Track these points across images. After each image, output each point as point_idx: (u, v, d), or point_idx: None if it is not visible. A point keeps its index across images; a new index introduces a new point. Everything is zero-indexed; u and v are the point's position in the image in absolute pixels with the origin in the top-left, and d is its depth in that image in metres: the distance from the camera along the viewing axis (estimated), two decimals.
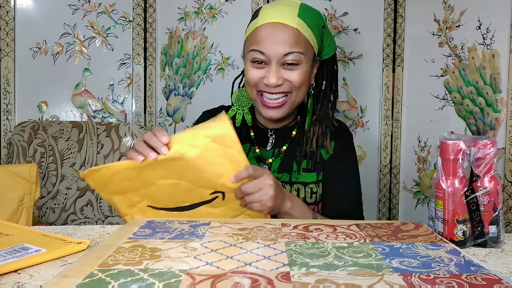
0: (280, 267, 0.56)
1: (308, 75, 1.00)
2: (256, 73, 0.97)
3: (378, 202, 1.68)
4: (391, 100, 1.66)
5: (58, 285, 0.50)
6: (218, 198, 0.85)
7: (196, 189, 0.84)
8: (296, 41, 0.95)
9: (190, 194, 0.84)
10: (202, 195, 0.85)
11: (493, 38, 1.32)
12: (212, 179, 0.82)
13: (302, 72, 0.97)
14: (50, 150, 1.50)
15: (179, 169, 0.80)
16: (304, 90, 1.01)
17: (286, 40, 0.94)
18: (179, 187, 0.83)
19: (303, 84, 0.98)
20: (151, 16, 1.68)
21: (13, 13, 1.62)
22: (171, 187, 0.83)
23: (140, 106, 1.69)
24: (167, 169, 0.81)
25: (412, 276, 0.53)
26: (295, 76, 0.96)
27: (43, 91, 1.66)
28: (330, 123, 1.05)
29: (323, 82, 1.05)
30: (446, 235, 0.76)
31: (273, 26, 0.95)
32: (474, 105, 1.39)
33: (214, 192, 0.84)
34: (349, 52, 1.64)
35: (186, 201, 0.86)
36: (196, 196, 0.85)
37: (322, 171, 1.05)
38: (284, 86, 0.97)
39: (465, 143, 0.77)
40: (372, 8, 1.64)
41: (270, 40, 0.94)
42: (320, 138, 1.03)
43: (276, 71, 0.95)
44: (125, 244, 0.65)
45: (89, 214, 1.47)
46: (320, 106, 1.05)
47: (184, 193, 0.84)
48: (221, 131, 0.79)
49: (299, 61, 0.96)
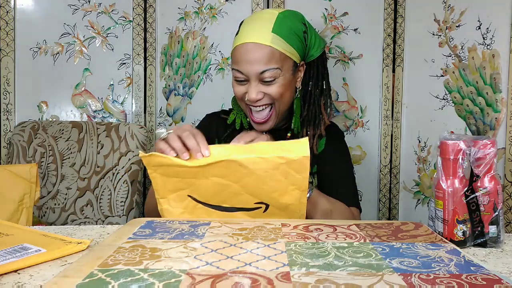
0: (280, 267, 0.56)
1: (288, 85, 1.05)
2: (239, 89, 1.05)
3: (378, 202, 1.68)
4: (391, 100, 1.66)
5: (58, 285, 0.50)
6: (260, 209, 0.85)
7: (243, 194, 0.84)
8: (269, 58, 1.00)
9: (235, 197, 0.84)
10: (246, 201, 0.84)
11: (493, 38, 1.32)
12: (266, 191, 0.82)
13: (280, 85, 1.03)
14: (50, 150, 1.50)
15: (239, 174, 0.81)
16: (287, 99, 1.07)
17: (260, 59, 1.00)
18: (229, 188, 0.83)
19: (283, 94, 1.04)
20: (151, 16, 1.68)
21: (13, 13, 1.62)
22: (221, 186, 0.83)
23: (140, 106, 1.69)
24: (228, 170, 0.81)
25: (412, 276, 0.53)
26: (274, 90, 1.03)
27: (43, 91, 1.66)
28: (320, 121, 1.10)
29: (310, 83, 1.11)
30: (446, 235, 0.76)
31: (247, 46, 1.01)
32: (474, 105, 1.39)
33: (260, 202, 0.84)
34: (349, 52, 1.64)
35: (227, 202, 0.85)
36: (240, 201, 0.84)
37: (317, 165, 1.10)
38: (265, 99, 1.03)
39: (465, 143, 0.77)
40: (372, 8, 1.63)
41: (246, 60, 1.01)
42: (312, 139, 1.09)
43: (255, 87, 1.02)
44: (125, 244, 0.65)
45: (89, 214, 1.47)
46: (307, 107, 1.10)
47: (230, 195, 0.84)
48: (298, 156, 0.79)
49: (276, 76, 1.02)
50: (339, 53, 1.64)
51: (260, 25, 1.03)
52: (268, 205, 0.84)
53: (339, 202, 1.02)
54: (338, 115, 1.65)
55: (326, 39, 1.63)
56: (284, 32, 1.02)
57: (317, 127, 1.10)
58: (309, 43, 1.10)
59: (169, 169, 0.83)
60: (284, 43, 1.02)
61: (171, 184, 0.85)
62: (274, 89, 1.02)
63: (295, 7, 1.62)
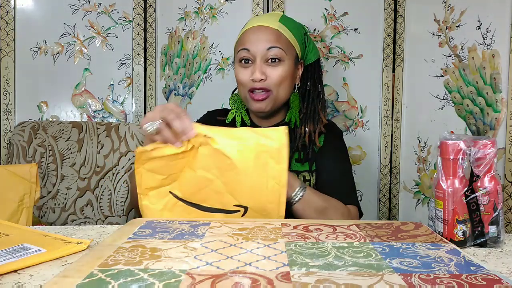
0: (280, 267, 0.56)
1: (290, 74, 1.09)
2: (244, 73, 1.08)
3: (378, 202, 1.68)
4: (391, 100, 1.66)
5: (58, 285, 0.50)
6: (239, 213, 0.84)
7: (224, 194, 0.83)
8: (277, 38, 1.07)
9: (216, 197, 0.84)
10: (227, 202, 0.84)
11: (493, 38, 1.32)
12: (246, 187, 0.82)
13: (284, 70, 1.07)
14: (50, 150, 1.50)
15: (224, 165, 0.81)
16: (285, 88, 1.09)
17: (268, 38, 1.06)
18: (211, 185, 0.83)
19: (283, 81, 1.08)
20: (151, 16, 1.68)
21: (13, 13, 1.62)
22: (205, 181, 0.83)
23: (140, 106, 1.69)
24: (214, 160, 0.81)
25: (412, 276, 0.53)
26: (276, 73, 1.06)
27: (43, 91, 1.66)
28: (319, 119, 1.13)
29: (308, 83, 1.15)
30: (446, 235, 0.76)
31: (256, 28, 1.09)
32: (474, 105, 1.39)
33: (239, 205, 0.84)
34: (349, 52, 1.64)
35: (208, 201, 0.85)
36: (220, 201, 0.84)
37: (315, 162, 1.12)
38: (267, 82, 1.06)
39: (465, 143, 0.77)
40: (372, 8, 1.64)
41: (254, 39, 1.07)
42: (312, 135, 1.11)
43: (261, 67, 1.05)
44: (125, 244, 0.65)
45: (89, 214, 1.47)
46: (306, 104, 1.14)
47: (211, 193, 0.84)
48: (277, 144, 0.81)
49: (281, 57, 1.06)
50: (339, 53, 1.64)
51: (268, 16, 1.13)
52: (246, 208, 0.84)
53: (334, 199, 1.02)
54: (338, 115, 1.65)
55: (326, 39, 1.63)
56: (289, 25, 1.11)
57: (316, 123, 1.12)
58: (308, 46, 1.15)
59: (157, 163, 0.83)
60: (289, 32, 1.09)
61: (154, 180, 0.85)
62: (277, 73, 1.06)
63: (295, 7, 1.63)
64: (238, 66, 1.09)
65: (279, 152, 0.81)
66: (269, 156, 0.81)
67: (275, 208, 0.84)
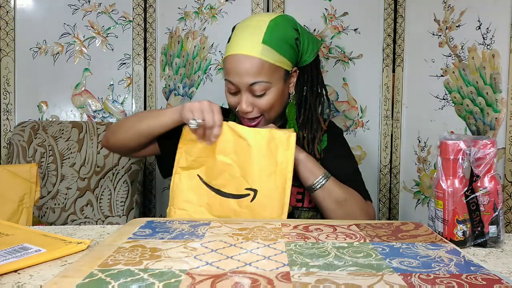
0: (280, 267, 0.56)
1: (280, 95, 1.05)
2: (232, 100, 1.06)
3: (378, 202, 1.68)
4: (391, 100, 1.66)
5: (58, 285, 0.50)
6: (248, 197, 0.92)
7: (238, 178, 0.92)
8: (259, 70, 1.00)
9: (232, 181, 0.93)
10: (239, 186, 0.92)
11: (493, 38, 1.32)
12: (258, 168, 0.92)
13: (271, 98, 1.03)
14: (50, 150, 1.50)
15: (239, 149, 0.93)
16: (278, 108, 1.07)
17: (249, 71, 1.00)
18: (229, 169, 0.93)
19: (273, 106, 1.05)
20: (151, 16, 1.68)
21: (13, 13, 1.62)
22: (224, 166, 0.94)
23: (140, 106, 1.69)
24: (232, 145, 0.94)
25: (412, 276, 0.53)
26: (264, 103, 1.03)
27: (43, 91, 1.66)
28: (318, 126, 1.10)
29: (304, 88, 1.11)
30: (446, 235, 0.76)
31: (237, 57, 1.01)
32: (474, 105, 1.39)
33: (249, 188, 0.92)
34: (349, 52, 1.64)
35: (226, 187, 0.94)
36: (235, 186, 0.93)
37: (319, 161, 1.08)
38: (254, 112, 1.04)
39: (465, 143, 0.77)
40: (372, 8, 1.63)
41: (236, 71, 1.01)
42: (311, 144, 1.08)
43: (246, 99, 1.02)
44: (125, 244, 0.65)
45: (89, 214, 1.47)
46: (303, 111, 1.10)
47: (229, 178, 0.93)
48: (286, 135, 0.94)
49: (266, 89, 1.02)
50: (339, 53, 1.64)
51: (251, 35, 1.02)
52: (256, 191, 0.91)
53: (356, 193, 1.02)
54: (338, 115, 1.65)
55: (326, 39, 1.63)
56: (274, 42, 1.01)
57: (316, 131, 1.09)
58: (302, 49, 1.08)
59: (192, 146, 0.97)
60: (275, 53, 1.01)
61: (186, 161, 0.97)
62: (264, 102, 1.03)
63: (295, 7, 1.63)
64: (227, 91, 1.06)
65: (287, 140, 0.93)
66: (279, 143, 0.92)
67: (281, 195, 0.91)
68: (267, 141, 0.92)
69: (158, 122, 1.02)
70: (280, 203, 0.90)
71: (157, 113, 1.04)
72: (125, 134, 1.07)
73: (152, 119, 1.03)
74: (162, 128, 1.02)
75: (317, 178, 0.98)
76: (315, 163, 1.01)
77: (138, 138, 1.05)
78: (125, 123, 1.08)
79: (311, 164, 1.00)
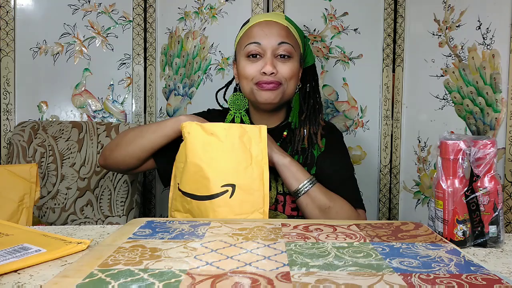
0: (280, 267, 0.56)
1: (296, 72, 1.09)
2: (253, 67, 1.06)
3: (378, 202, 1.68)
4: (391, 100, 1.66)
5: (58, 285, 0.50)
6: (226, 194, 0.90)
7: (211, 179, 0.90)
8: (287, 34, 1.07)
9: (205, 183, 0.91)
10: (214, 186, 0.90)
11: (493, 38, 1.32)
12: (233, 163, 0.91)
13: (293, 66, 1.06)
14: (50, 150, 1.50)
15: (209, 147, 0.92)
16: (293, 85, 1.09)
17: (279, 33, 1.06)
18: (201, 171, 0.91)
19: (293, 77, 1.07)
20: (151, 16, 1.68)
21: (13, 13, 1.62)
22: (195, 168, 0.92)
23: (140, 106, 1.69)
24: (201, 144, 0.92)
25: (412, 276, 0.53)
26: (287, 68, 1.05)
27: (43, 91, 1.66)
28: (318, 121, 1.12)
29: (307, 85, 1.15)
30: (446, 235, 0.76)
31: (266, 22, 1.07)
32: (474, 105, 1.39)
33: (226, 185, 0.90)
34: (349, 52, 1.64)
35: (200, 190, 0.91)
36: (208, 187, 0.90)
37: (315, 166, 1.09)
38: (278, 76, 1.05)
39: (465, 143, 0.77)
40: (372, 8, 1.64)
41: (265, 33, 1.05)
42: (313, 137, 1.10)
43: (272, 60, 1.04)
44: (125, 244, 0.65)
45: (89, 214, 1.47)
46: (307, 106, 1.13)
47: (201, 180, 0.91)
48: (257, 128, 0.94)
49: (291, 53, 1.06)
50: (339, 53, 1.64)
51: (274, 13, 1.13)
52: (234, 186, 0.90)
53: (342, 201, 1.01)
54: (338, 115, 1.65)
55: (326, 39, 1.63)
56: (294, 25, 1.11)
57: (317, 125, 1.11)
58: (307, 49, 1.15)
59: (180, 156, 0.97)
60: (295, 31, 1.10)
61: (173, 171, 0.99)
62: (287, 68, 1.05)
63: (295, 7, 1.63)
64: (245, 60, 1.07)
65: (259, 133, 0.93)
66: (252, 136, 0.93)
67: (260, 186, 0.90)
68: (239, 135, 0.92)
69: (160, 134, 1.03)
70: (260, 194, 0.90)
71: (156, 126, 1.05)
72: (125, 150, 1.06)
73: (153, 132, 1.04)
74: (164, 139, 1.03)
75: (302, 184, 0.97)
76: (300, 168, 1.00)
77: (139, 153, 1.06)
78: (123, 140, 1.08)
79: (295, 169, 0.99)
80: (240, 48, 1.08)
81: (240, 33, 1.12)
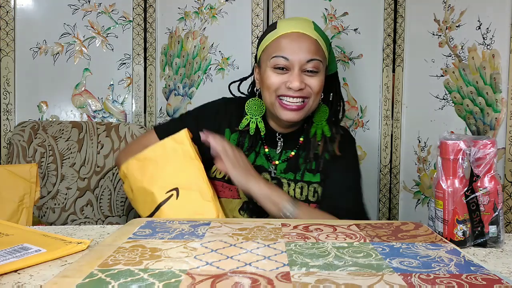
0: (280, 267, 0.56)
1: (322, 85, 1.04)
2: (278, 79, 1.01)
3: (378, 202, 1.68)
4: (391, 100, 1.66)
5: (58, 285, 0.50)
6: (172, 197, 0.95)
7: (155, 191, 0.95)
8: (316, 49, 1.01)
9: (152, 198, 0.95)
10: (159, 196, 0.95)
11: (493, 38, 1.32)
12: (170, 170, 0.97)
13: (320, 80, 1.02)
14: (50, 150, 1.50)
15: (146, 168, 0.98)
16: (319, 98, 1.05)
17: (309, 48, 1.00)
18: (145, 192, 0.97)
19: (320, 91, 1.03)
20: (151, 16, 1.68)
21: (13, 13, 1.62)
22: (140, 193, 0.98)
23: (140, 106, 1.69)
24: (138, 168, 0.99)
25: (412, 276, 0.53)
26: (315, 83, 1.01)
27: (43, 91, 1.66)
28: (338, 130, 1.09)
29: (331, 94, 1.11)
30: (446, 235, 0.76)
31: (296, 35, 1.01)
32: (474, 105, 1.39)
33: (169, 190, 0.95)
34: (349, 52, 1.64)
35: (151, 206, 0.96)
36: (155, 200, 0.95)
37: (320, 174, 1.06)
38: (305, 91, 1.01)
39: (465, 143, 0.77)
40: (372, 8, 1.64)
41: (293, 47, 1.00)
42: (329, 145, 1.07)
43: (299, 76, 0.99)
44: (125, 244, 0.65)
45: (89, 214, 1.47)
46: (334, 112, 1.10)
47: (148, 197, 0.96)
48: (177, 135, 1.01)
49: (319, 68, 1.01)
50: (339, 53, 1.64)
51: (304, 21, 1.05)
52: (177, 188, 0.95)
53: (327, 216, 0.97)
54: None
55: None
56: (322, 35, 1.05)
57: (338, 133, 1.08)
58: (332, 56, 1.10)
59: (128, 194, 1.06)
60: (324, 43, 1.05)
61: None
62: (316, 82, 1.01)
63: (295, 7, 1.63)
64: (271, 70, 1.02)
65: (179, 135, 1.00)
66: (175, 143, 1.00)
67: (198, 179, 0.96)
68: (164, 146, 1.00)
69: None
70: (203, 186, 0.95)
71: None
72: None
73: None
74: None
75: (281, 207, 0.94)
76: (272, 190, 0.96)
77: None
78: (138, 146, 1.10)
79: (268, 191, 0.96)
80: (267, 57, 1.03)
81: (268, 39, 1.04)
